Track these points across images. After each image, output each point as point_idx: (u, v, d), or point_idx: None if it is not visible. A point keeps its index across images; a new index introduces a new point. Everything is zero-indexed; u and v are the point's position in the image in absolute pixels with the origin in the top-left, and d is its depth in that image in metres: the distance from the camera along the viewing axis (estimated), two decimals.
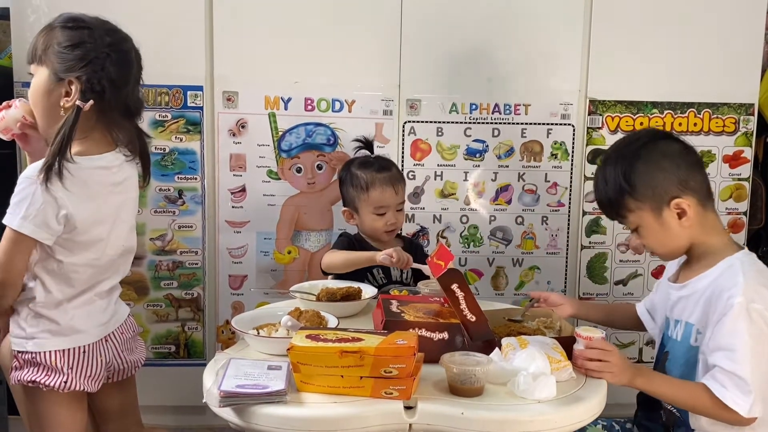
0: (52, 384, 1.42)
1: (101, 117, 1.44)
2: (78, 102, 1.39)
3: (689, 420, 1.38)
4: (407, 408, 1.17)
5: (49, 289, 1.42)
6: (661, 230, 1.38)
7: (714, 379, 1.29)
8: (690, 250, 1.43)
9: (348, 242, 1.99)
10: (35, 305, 1.42)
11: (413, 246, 2.07)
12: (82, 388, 1.46)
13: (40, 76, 1.44)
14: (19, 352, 1.43)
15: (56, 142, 1.36)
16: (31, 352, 1.42)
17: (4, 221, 1.38)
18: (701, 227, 1.39)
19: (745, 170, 2.40)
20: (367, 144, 2.15)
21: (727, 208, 2.40)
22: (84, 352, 1.46)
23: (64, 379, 1.43)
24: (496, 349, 1.31)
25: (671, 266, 1.54)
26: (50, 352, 1.42)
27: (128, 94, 1.47)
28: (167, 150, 2.22)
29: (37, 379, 1.42)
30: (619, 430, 1.55)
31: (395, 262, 1.77)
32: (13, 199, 1.37)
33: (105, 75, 1.41)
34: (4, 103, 1.52)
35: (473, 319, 1.34)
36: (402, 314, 1.40)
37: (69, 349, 1.44)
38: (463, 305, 1.34)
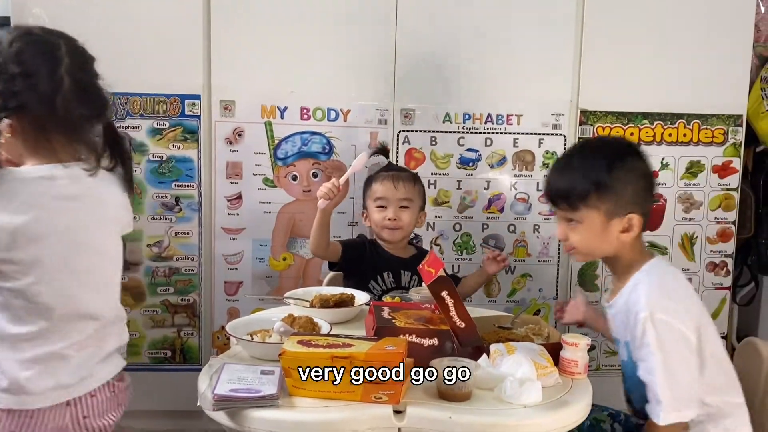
0: None
1: (42, 130, 1.24)
2: None
3: None
4: (397, 412, 1.20)
5: None
6: (600, 234, 1.42)
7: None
8: (613, 264, 1.49)
9: (359, 242, 2.08)
10: None
11: (424, 253, 2.09)
12: None
13: None
14: None
15: None
16: None
17: None
18: (630, 245, 1.44)
19: (734, 180, 2.43)
20: (382, 150, 2.15)
21: (716, 218, 2.44)
22: (31, 416, 1.21)
23: None
24: (484, 354, 1.34)
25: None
26: None
27: (66, 100, 1.22)
28: (165, 158, 2.25)
29: None
30: (623, 419, 1.60)
31: (326, 193, 1.86)
32: None
33: (20, 86, 1.20)
34: None
35: (462, 325, 1.36)
36: (393, 321, 1.43)
37: (14, 411, 1.20)
38: (453, 312, 1.36)
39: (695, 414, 1.35)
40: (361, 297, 1.74)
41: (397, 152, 2.32)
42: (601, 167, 1.41)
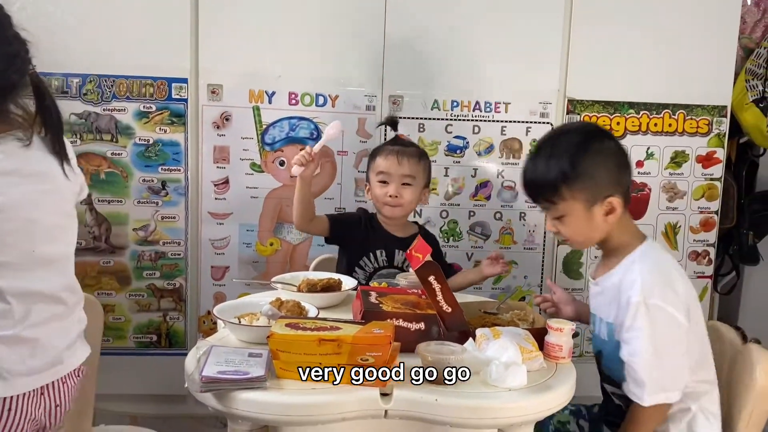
0: None
1: None
2: None
3: None
4: (383, 395, 1.21)
5: None
6: (586, 223, 1.44)
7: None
8: (603, 244, 1.50)
9: (353, 217, 2.06)
10: None
11: (427, 235, 2.05)
12: None
13: None
14: None
15: None
16: None
17: None
18: (618, 224, 1.46)
19: (718, 170, 2.46)
20: (391, 121, 2.13)
21: (699, 207, 2.47)
22: (9, 408, 1.13)
23: None
24: (470, 339, 1.35)
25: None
26: None
27: None
28: (151, 141, 2.24)
29: None
30: (586, 414, 1.62)
31: (298, 159, 1.84)
32: None
33: None
34: None
35: (449, 310, 1.38)
36: (380, 305, 1.44)
37: None
38: (440, 297, 1.38)
39: (680, 396, 1.38)
40: (348, 282, 1.75)
41: (385, 139, 2.32)
42: (566, 159, 1.40)
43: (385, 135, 2.32)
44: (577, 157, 1.40)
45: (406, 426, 1.23)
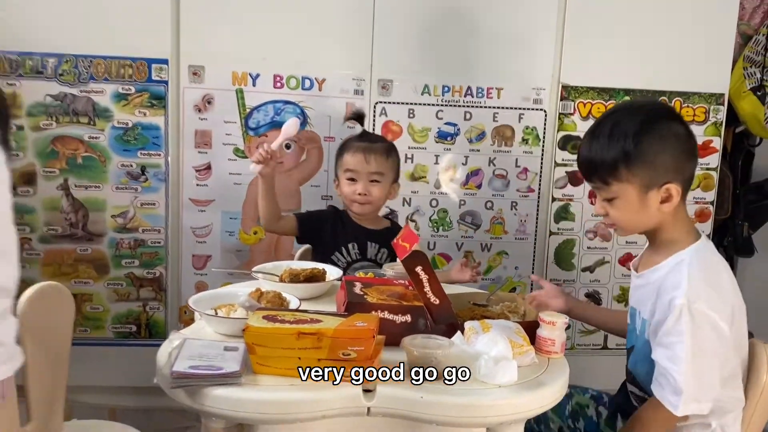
0: None
1: None
2: None
3: None
4: (366, 391, 1.14)
5: None
6: (639, 208, 1.34)
7: (653, 378, 1.31)
8: (653, 235, 1.41)
9: (323, 213, 2.02)
10: None
11: (398, 231, 2.02)
12: None
13: None
14: None
15: None
16: None
17: None
18: (673, 215, 1.36)
19: (714, 160, 2.41)
20: (357, 116, 2.08)
21: (694, 198, 2.42)
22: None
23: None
24: (459, 332, 1.29)
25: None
26: None
27: None
28: (130, 125, 2.16)
29: None
30: (608, 401, 1.56)
31: (261, 155, 1.80)
32: None
33: None
34: None
35: (437, 302, 1.32)
36: (365, 296, 1.37)
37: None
38: (427, 288, 1.31)
39: (710, 408, 1.29)
40: (333, 272, 1.68)
41: (374, 124, 2.25)
42: (628, 137, 1.30)
43: (374, 119, 2.25)
44: (640, 136, 1.30)
45: (391, 424, 1.17)
